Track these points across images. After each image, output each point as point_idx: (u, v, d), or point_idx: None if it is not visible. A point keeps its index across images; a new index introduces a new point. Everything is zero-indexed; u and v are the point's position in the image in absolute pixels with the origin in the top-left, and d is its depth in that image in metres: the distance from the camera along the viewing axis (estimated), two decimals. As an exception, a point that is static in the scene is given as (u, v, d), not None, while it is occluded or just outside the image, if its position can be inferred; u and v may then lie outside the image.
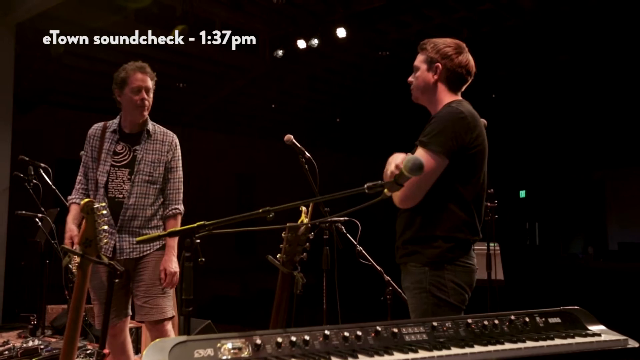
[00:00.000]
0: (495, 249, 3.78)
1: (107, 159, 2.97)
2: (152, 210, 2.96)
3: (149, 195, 2.95)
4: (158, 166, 2.99)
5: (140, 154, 2.97)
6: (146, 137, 3.01)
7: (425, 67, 2.24)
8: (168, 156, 3.03)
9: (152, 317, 2.88)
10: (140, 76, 2.97)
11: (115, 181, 2.95)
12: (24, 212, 5.14)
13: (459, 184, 2.11)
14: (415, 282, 2.09)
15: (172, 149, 3.07)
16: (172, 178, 3.04)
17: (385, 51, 8.88)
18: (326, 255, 3.47)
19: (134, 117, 3.00)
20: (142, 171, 2.94)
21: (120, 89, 2.98)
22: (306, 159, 3.14)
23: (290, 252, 1.84)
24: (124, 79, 2.97)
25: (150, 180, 2.96)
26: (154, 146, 3.01)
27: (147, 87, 2.98)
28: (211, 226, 1.65)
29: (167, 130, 3.12)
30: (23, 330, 5.53)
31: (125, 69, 2.99)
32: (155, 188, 2.97)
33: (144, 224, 2.93)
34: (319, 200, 1.74)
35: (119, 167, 2.96)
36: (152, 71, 3.05)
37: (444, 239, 2.08)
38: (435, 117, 2.14)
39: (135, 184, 2.92)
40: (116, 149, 3.00)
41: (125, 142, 3.01)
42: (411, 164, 1.47)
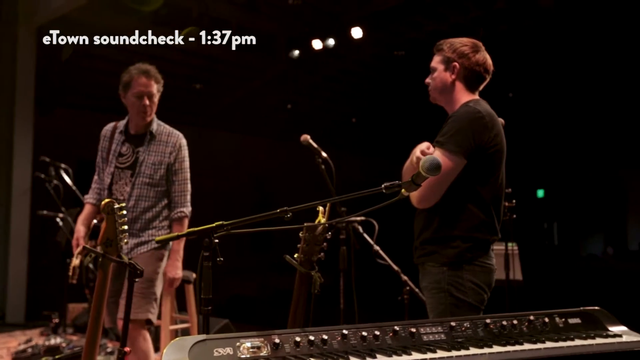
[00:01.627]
0: (513, 249, 3.76)
1: (112, 161, 2.96)
2: (153, 213, 2.93)
3: (149, 197, 2.91)
4: (159, 168, 2.94)
5: (142, 155, 2.93)
6: (149, 139, 2.97)
7: (443, 67, 2.23)
8: (171, 157, 2.97)
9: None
10: (144, 81, 2.93)
11: (118, 183, 2.94)
12: (46, 212, 5.23)
13: (478, 184, 2.10)
14: (434, 282, 2.09)
15: (176, 150, 3.00)
16: (176, 180, 2.99)
17: (401, 51, 8.85)
18: (343, 255, 3.49)
19: (137, 121, 2.98)
20: (143, 173, 2.91)
21: (124, 91, 2.96)
22: (322, 159, 3.15)
23: (307, 251, 1.85)
24: (127, 82, 2.94)
25: (151, 182, 2.92)
26: (157, 147, 2.97)
27: (150, 92, 2.93)
28: (229, 226, 1.67)
29: (172, 131, 3.06)
30: (45, 329, 5.62)
31: (129, 72, 2.96)
32: (156, 190, 2.93)
33: (144, 226, 2.91)
34: (337, 200, 1.75)
35: (123, 168, 2.95)
36: (159, 74, 3.01)
37: (463, 239, 2.08)
38: (452, 117, 2.13)
39: (135, 186, 2.89)
40: (121, 151, 2.98)
41: (130, 143, 2.99)
42: (429, 163, 1.48)
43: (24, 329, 5.97)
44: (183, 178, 3.01)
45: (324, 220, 1.84)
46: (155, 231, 2.94)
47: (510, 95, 10.34)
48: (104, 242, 2.11)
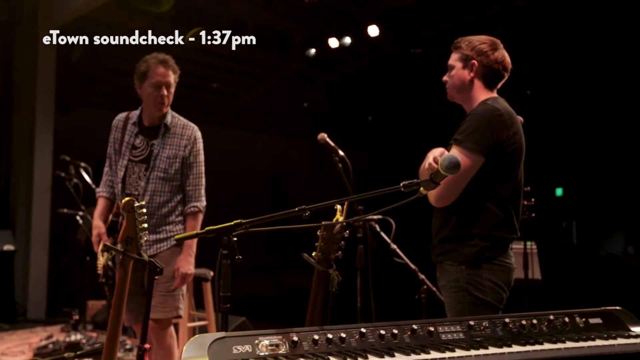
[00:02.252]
0: (532, 248, 3.72)
1: (125, 153, 2.86)
2: (169, 208, 2.85)
3: (164, 192, 2.83)
4: (174, 162, 2.84)
5: (157, 149, 2.84)
6: (164, 131, 2.88)
7: (461, 65, 2.22)
8: (186, 151, 2.88)
9: (154, 315, 2.75)
10: (161, 70, 2.83)
11: (132, 177, 2.84)
12: (66, 211, 5.29)
13: (496, 182, 2.09)
14: (452, 280, 2.08)
15: (191, 143, 2.90)
16: (191, 174, 2.89)
17: (418, 49, 8.81)
18: (360, 254, 3.48)
19: (152, 112, 2.88)
20: (158, 167, 2.82)
21: (140, 81, 2.86)
22: (340, 158, 3.15)
23: (325, 250, 1.85)
24: (144, 72, 2.84)
25: (165, 177, 2.83)
26: (172, 140, 2.87)
27: (168, 82, 2.85)
28: (248, 224, 1.68)
29: (188, 123, 2.97)
30: (66, 325, 5.70)
31: (147, 61, 2.86)
32: (171, 185, 2.84)
33: (160, 222, 2.83)
34: (355, 198, 1.75)
35: (136, 162, 2.85)
36: (176, 65, 2.92)
37: (481, 237, 2.06)
38: (470, 115, 2.12)
39: (150, 181, 2.80)
40: (135, 143, 2.88)
41: (143, 135, 2.89)
42: (447, 162, 1.47)
43: (44, 326, 6.06)
44: (198, 172, 2.92)
45: (342, 219, 1.84)
46: (172, 226, 2.86)
47: (529, 93, 10.24)
48: (124, 240, 2.13)
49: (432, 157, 2.04)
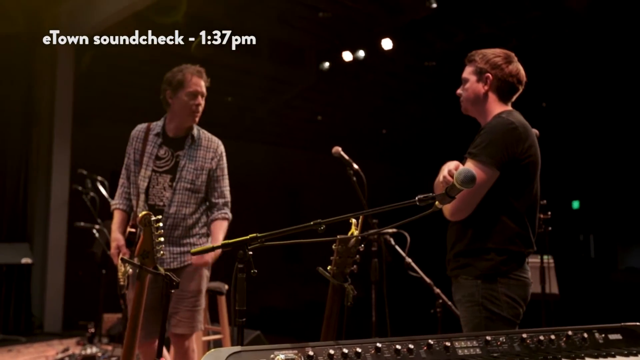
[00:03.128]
0: (549, 261, 3.68)
1: (149, 164, 2.83)
2: (194, 220, 2.84)
3: (190, 203, 2.82)
4: (201, 174, 2.85)
5: (183, 160, 2.83)
6: (190, 142, 2.88)
7: (475, 78, 2.22)
8: (213, 164, 2.89)
9: (177, 330, 2.75)
10: (198, 80, 2.88)
11: (156, 187, 2.82)
12: (83, 224, 5.34)
13: (511, 196, 2.08)
14: (468, 295, 2.06)
15: (218, 156, 2.93)
16: (218, 187, 2.91)
17: (432, 61, 8.82)
18: (375, 267, 3.47)
19: (183, 122, 2.88)
20: (184, 178, 2.81)
21: (174, 90, 2.87)
22: (354, 171, 3.15)
23: (340, 264, 1.85)
24: (180, 81, 2.86)
25: (192, 188, 2.82)
26: (198, 152, 2.87)
27: (203, 92, 2.90)
28: (263, 238, 1.68)
29: (212, 137, 2.99)
30: (81, 338, 5.73)
31: (182, 70, 2.90)
32: (197, 197, 2.84)
33: (184, 234, 2.81)
34: (371, 212, 1.74)
35: (161, 172, 2.83)
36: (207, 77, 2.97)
37: (497, 251, 2.05)
38: (485, 128, 2.12)
39: (176, 192, 2.79)
40: (159, 154, 2.86)
41: (168, 146, 2.88)
42: (463, 176, 1.46)
43: (61, 338, 6.10)
44: (225, 184, 2.95)
45: (357, 233, 1.84)
46: (197, 239, 2.85)
47: (544, 105, 10.18)
48: (141, 254, 2.14)
49: (447, 170, 2.03)
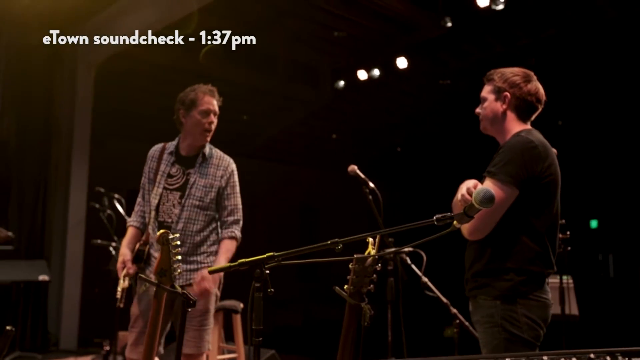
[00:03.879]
0: (568, 282, 3.63)
1: (161, 181, 2.90)
2: (201, 237, 2.85)
3: (198, 220, 2.85)
4: (210, 191, 2.88)
5: (193, 177, 2.88)
6: (201, 161, 2.93)
7: (494, 97, 2.22)
8: (222, 182, 2.92)
9: (184, 350, 2.72)
10: (210, 99, 2.96)
11: (166, 204, 2.86)
12: (100, 242, 5.37)
13: (531, 215, 2.06)
14: (486, 315, 2.04)
15: (228, 174, 2.95)
16: (229, 205, 2.92)
17: (446, 80, 8.84)
18: (391, 287, 3.44)
19: (196, 140, 2.94)
20: (193, 195, 2.84)
21: (187, 110, 2.94)
22: (370, 190, 3.15)
23: (357, 283, 1.84)
24: (193, 100, 2.93)
25: (201, 205, 2.85)
26: (208, 170, 2.91)
27: (216, 111, 2.98)
28: (280, 257, 1.68)
29: (224, 155, 3.03)
30: (97, 356, 5.74)
31: (195, 90, 2.97)
32: (205, 214, 2.86)
33: (191, 251, 2.83)
34: (388, 232, 1.74)
35: (171, 190, 2.88)
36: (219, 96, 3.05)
37: (516, 271, 2.02)
38: (504, 147, 2.11)
39: (184, 208, 2.82)
40: (171, 172, 2.92)
41: (180, 164, 2.93)
42: (482, 195, 1.46)
43: (76, 356, 6.11)
44: (236, 203, 2.95)
45: (374, 252, 1.83)
46: (204, 257, 2.86)
47: (560, 124, 10.12)
48: (159, 272, 2.15)
49: (466, 188, 2.02)
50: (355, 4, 6.79)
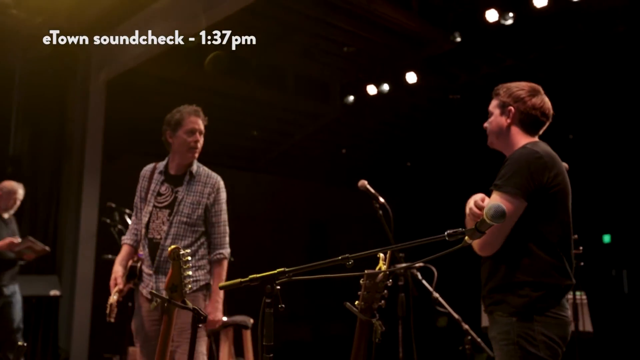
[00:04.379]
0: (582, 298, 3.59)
1: (151, 200, 3.02)
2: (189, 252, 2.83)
3: (186, 237, 2.94)
4: (197, 208, 2.97)
5: (181, 195, 2.98)
6: (189, 179, 3.03)
7: (499, 112, 2.24)
8: (210, 199, 3.00)
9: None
10: (195, 118, 3.05)
11: (155, 222, 2.97)
12: (110, 257, 5.39)
13: (541, 226, 2.04)
14: (502, 332, 2.01)
15: (215, 191, 3.03)
16: (215, 222, 3.01)
17: (456, 94, 8.84)
18: (402, 302, 3.42)
19: (183, 159, 3.05)
20: (181, 212, 2.95)
21: (173, 130, 3.05)
22: (380, 205, 3.15)
23: (368, 299, 1.83)
24: (178, 120, 3.04)
25: (188, 222, 2.95)
26: (196, 188, 3.01)
27: (201, 129, 3.07)
28: (291, 273, 1.68)
29: (211, 173, 3.12)
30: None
31: (180, 111, 3.09)
32: (193, 230, 2.96)
33: None
34: (400, 247, 1.73)
35: (161, 208, 2.99)
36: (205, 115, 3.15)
37: (532, 285, 2.00)
38: (509, 159, 2.11)
39: (173, 225, 2.93)
40: (160, 190, 3.04)
41: (169, 183, 3.05)
42: (493, 210, 1.45)
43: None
44: (222, 220, 3.03)
45: (385, 268, 1.83)
46: (193, 271, 2.91)
47: (571, 137, 10.07)
48: (170, 287, 2.15)
49: (473, 202, 2.03)
50: (365, 20, 6.83)
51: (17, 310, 5.15)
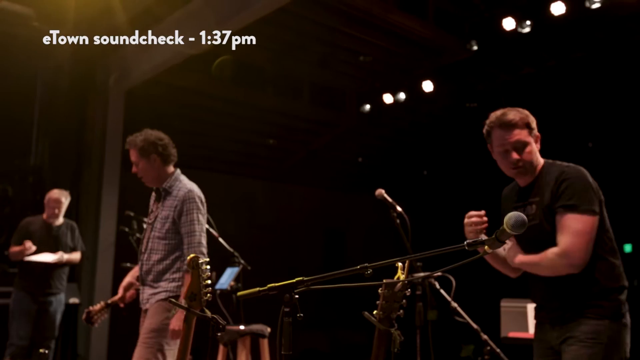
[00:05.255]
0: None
1: (147, 218, 3.25)
2: (164, 265, 3.06)
3: (159, 250, 3.06)
4: (166, 222, 3.08)
5: (157, 211, 3.15)
6: (164, 195, 3.17)
7: (533, 140, 2.26)
8: (175, 212, 3.07)
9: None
10: (130, 152, 3.24)
11: (144, 238, 3.18)
12: (129, 265, 5.44)
13: (605, 235, 2.17)
14: (592, 332, 2.05)
15: (180, 203, 3.08)
16: (185, 233, 3.05)
17: (473, 103, 8.80)
18: (419, 312, 3.40)
19: None
20: (155, 228, 3.10)
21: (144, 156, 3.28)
22: (398, 214, 3.14)
23: (387, 308, 1.82)
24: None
25: (159, 236, 3.07)
26: (168, 202, 3.13)
27: (133, 160, 3.23)
28: (309, 282, 1.68)
29: (183, 185, 3.18)
30: (123, 379, 5.75)
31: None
32: (165, 244, 3.06)
33: (157, 278, 3.05)
34: (418, 257, 1.73)
35: (149, 224, 3.19)
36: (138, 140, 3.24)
37: (618, 290, 2.12)
38: (568, 179, 2.14)
39: (150, 240, 3.10)
40: (153, 208, 3.25)
41: (157, 200, 3.23)
42: (514, 220, 1.45)
43: (104, 379, 6.15)
44: (192, 230, 3.05)
45: (403, 277, 1.82)
46: (167, 283, 3.03)
47: (590, 145, 9.95)
48: (189, 296, 2.17)
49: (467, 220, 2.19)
50: (381, 29, 6.84)
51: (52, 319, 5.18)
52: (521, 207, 2.26)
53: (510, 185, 2.46)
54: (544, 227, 2.16)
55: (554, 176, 2.17)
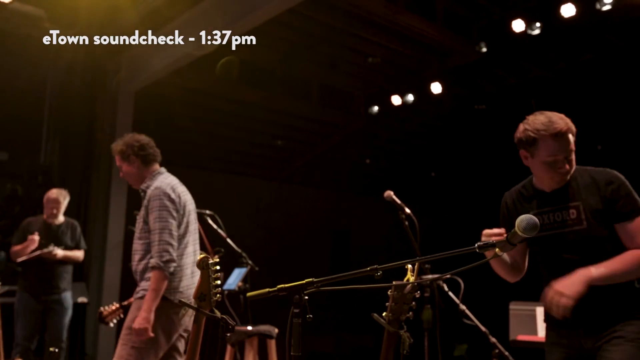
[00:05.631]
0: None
1: None
2: (143, 265, 3.06)
3: (138, 251, 3.08)
4: (139, 222, 3.13)
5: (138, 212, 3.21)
6: (142, 195, 3.20)
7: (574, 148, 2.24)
8: (144, 211, 3.10)
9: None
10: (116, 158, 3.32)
11: None
12: (136, 265, 5.45)
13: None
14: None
15: (147, 202, 3.08)
16: (151, 230, 3.03)
17: (482, 105, 8.77)
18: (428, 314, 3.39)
19: None
20: (137, 228, 3.15)
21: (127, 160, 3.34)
22: (406, 215, 3.13)
23: (396, 310, 1.82)
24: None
25: (138, 236, 3.11)
26: (144, 202, 3.17)
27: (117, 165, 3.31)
28: (319, 283, 1.68)
29: (153, 184, 3.17)
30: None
31: None
32: (141, 243, 3.08)
33: (140, 277, 3.07)
34: (428, 259, 1.73)
35: None
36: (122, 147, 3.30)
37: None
38: (616, 182, 2.17)
39: (134, 241, 3.14)
40: None
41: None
42: (525, 223, 1.44)
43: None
44: (156, 228, 3.00)
45: (413, 279, 1.82)
46: (145, 282, 3.02)
47: (599, 148, 9.90)
48: (198, 297, 2.17)
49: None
50: (389, 30, 6.83)
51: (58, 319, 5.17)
52: (551, 212, 2.20)
53: (514, 191, 2.37)
54: (594, 232, 2.13)
55: (591, 180, 2.18)
